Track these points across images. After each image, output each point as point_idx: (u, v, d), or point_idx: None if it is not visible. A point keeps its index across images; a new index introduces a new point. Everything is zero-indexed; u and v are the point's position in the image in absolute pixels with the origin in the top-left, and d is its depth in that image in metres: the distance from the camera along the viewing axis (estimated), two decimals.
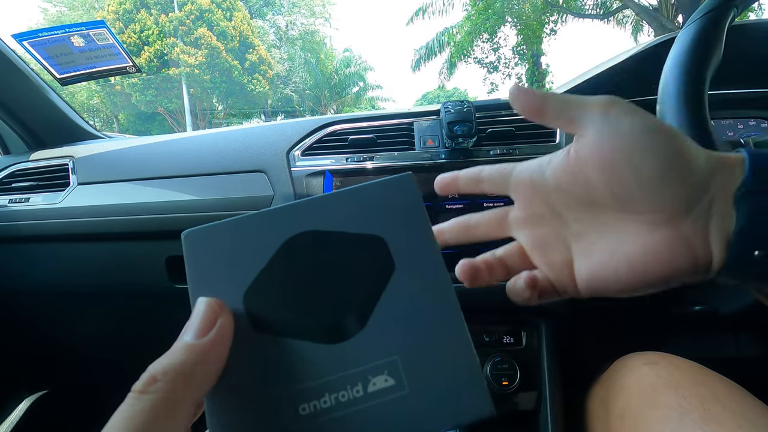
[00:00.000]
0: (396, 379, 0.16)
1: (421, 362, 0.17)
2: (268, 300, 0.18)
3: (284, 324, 0.17)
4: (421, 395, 0.16)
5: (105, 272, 0.71)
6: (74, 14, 13.67)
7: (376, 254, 0.18)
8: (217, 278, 0.18)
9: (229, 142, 0.67)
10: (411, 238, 0.18)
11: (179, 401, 0.14)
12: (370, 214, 0.19)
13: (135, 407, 0.14)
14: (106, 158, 0.73)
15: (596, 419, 0.41)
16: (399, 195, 0.19)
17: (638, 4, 8.29)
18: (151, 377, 0.15)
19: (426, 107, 0.63)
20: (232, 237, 0.18)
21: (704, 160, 0.19)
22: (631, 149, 0.19)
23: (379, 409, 0.16)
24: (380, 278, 0.18)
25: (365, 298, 0.18)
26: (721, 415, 0.29)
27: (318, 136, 0.62)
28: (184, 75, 12.47)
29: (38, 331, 0.84)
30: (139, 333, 0.81)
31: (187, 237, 0.19)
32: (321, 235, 0.19)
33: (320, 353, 0.17)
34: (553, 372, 0.53)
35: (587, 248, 0.22)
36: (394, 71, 40.54)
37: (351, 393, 0.16)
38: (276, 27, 17.24)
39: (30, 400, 0.88)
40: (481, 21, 10.75)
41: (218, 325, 0.16)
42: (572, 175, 0.22)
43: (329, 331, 0.17)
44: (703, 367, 0.35)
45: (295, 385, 0.16)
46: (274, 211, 0.19)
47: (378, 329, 0.17)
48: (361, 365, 0.17)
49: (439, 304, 0.17)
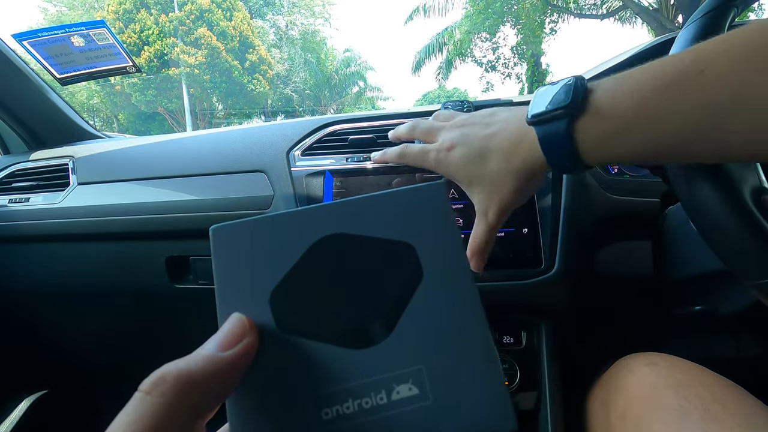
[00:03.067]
0: (420, 389, 0.16)
1: (446, 373, 0.17)
2: (294, 301, 0.17)
3: (310, 326, 0.17)
4: (444, 406, 0.16)
5: (105, 272, 0.71)
6: (74, 14, 13.66)
7: (405, 261, 0.18)
8: (244, 276, 0.18)
9: (229, 142, 0.67)
10: (440, 247, 0.18)
11: (182, 410, 0.14)
12: (401, 221, 0.19)
13: (138, 410, 0.13)
14: (106, 158, 0.73)
15: (596, 420, 0.41)
16: (430, 203, 0.19)
17: (638, 4, 8.29)
18: (161, 377, 0.14)
19: (426, 107, 0.63)
20: (262, 235, 0.18)
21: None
22: None
23: (402, 417, 0.16)
24: (408, 286, 0.18)
25: (393, 305, 0.17)
26: (721, 416, 0.29)
27: (318, 136, 0.62)
28: (184, 75, 12.47)
29: (38, 331, 0.84)
30: (138, 333, 0.81)
31: (216, 232, 0.18)
32: (350, 238, 0.18)
33: (345, 358, 0.17)
34: (553, 372, 0.53)
35: None
36: (395, 71, 40.57)
37: (374, 400, 0.16)
38: (276, 27, 17.24)
39: (30, 400, 0.88)
40: (481, 20, 10.76)
41: (244, 342, 0.16)
42: None
43: (355, 336, 0.17)
44: (704, 367, 0.36)
45: (319, 389, 0.16)
46: (304, 211, 0.19)
47: (404, 337, 0.17)
48: (386, 372, 0.16)
49: (466, 317, 0.17)
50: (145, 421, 0.13)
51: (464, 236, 0.53)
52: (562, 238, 0.50)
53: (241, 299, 0.18)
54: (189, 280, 0.65)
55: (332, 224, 0.19)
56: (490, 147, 0.32)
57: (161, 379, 0.14)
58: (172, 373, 0.14)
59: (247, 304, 0.17)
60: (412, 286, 0.18)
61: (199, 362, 0.15)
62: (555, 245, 0.51)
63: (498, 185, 0.32)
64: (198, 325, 0.41)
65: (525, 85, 12.21)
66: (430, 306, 0.17)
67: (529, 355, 0.55)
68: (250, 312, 0.17)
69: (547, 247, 0.51)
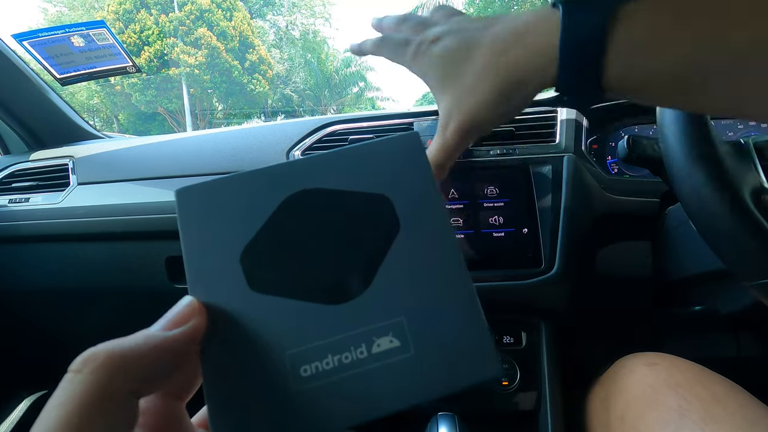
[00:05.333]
0: (401, 341, 0.16)
1: (427, 323, 0.16)
2: (266, 259, 0.17)
3: (284, 284, 0.16)
4: (427, 356, 0.16)
5: (105, 272, 0.71)
6: (74, 14, 13.66)
7: (380, 213, 0.17)
8: (212, 237, 0.17)
9: (229, 142, 0.67)
10: (417, 197, 0.18)
11: (116, 388, 0.13)
12: (375, 173, 0.18)
13: (68, 390, 0.13)
14: (106, 158, 0.73)
15: (596, 419, 0.41)
16: (405, 154, 0.18)
17: None
18: (92, 355, 0.13)
19: (426, 107, 0.63)
20: (229, 194, 0.18)
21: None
22: None
23: (384, 370, 0.16)
24: (385, 238, 0.17)
25: (369, 257, 0.17)
26: (720, 416, 0.29)
27: (318, 136, 0.62)
28: (184, 75, 12.47)
29: (38, 331, 0.84)
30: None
31: (180, 194, 0.18)
32: (323, 193, 0.18)
33: (322, 314, 0.16)
34: (553, 372, 0.53)
35: None
36: (395, 71, 40.56)
37: (354, 354, 0.16)
38: (276, 27, 17.23)
39: (30, 400, 0.88)
40: None
41: (190, 324, 0.15)
42: None
43: (331, 291, 0.16)
44: (703, 367, 0.36)
45: (296, 347, 0.16)
46: (273, 168, 0.18)
47: (382, 290, 0.17)
48: (365, 326, 0.16)
49: (446, 265, 0.17)
50: (75, 401, 0.12)
51: (463, 236, 0.53)
52: (562, 238, 0.50)
53: (210, 261, 0.17)
54: None
55: (304, 180, 0.18)
56: (482, 39, 0.24)
57: (92, 357, 0.13)
58: (104, 350, 0.13)
59: (215, 266, 0.17)
60: (389, 238, 0.17)
61: (137, 340, 0.14)
62: (555, 245, 0.51)
63: (472, 87, 0.24)
64: None
65: None
66: (408, 257, 0.17)
67: (529, 355, 0.55)
68: (219, 273, 0.17)
69: (547, 247, 0.51)
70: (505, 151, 0.56)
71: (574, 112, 0.58)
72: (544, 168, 0.54)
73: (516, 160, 0.55)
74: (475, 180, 0.55)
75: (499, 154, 0.56)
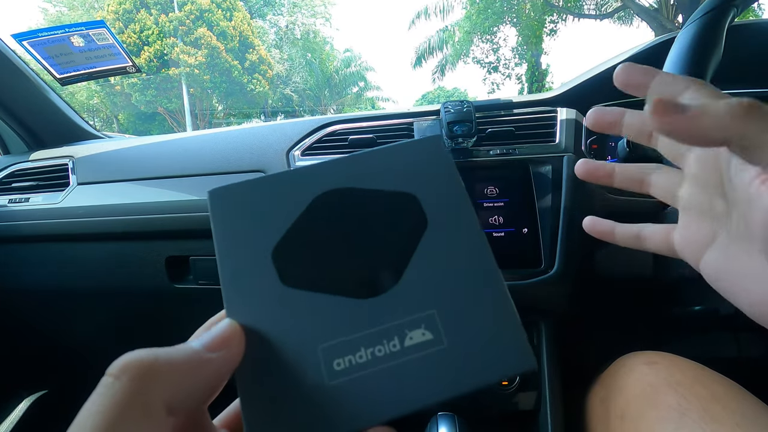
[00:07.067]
0: (434, 333, 0.16)
1: (459, 316, 0.16)
2: (298, 256, 0.17)
3: (316, 279, 0.17)
4: (459, 349, 0.16)
5: (105, 272, 0.71)
6: (74, 14, 13.66)
7: (408, 211, 0.18)
8: (244, 235, 0.18)
9: (229, 142, 0.67)
10: (443, 195, 0.18)
11: (151, 397, 0.13)
12: (401, 173, 0.19)
13: (105, 398, 0.13)
14: (105, 158, 0.73)
15: (596, 419, 0.41)
16: (429, 155, 0.19)
17: (638, 4, 8.29)
18: (133, 362, 0.13)
19: (426, 107, 0.63)
20: (260, 194, 0.18)
21: None
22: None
23: (417, 363, 0.16)
24: (413, 234, 0.18)
25: (399, 252, 0.17)
26: (720, 415, 0.29)
27: (318, 136, 0.62)
28: (184, 75, 12.46)
29: (38, 331, 0.84)
30: (138, 333, 0.81)
31: (213, 195, 0.18)
32: (351, 192, 0.18)
33: (354, 308, 0.16)
34: (553, 372, 0.53)
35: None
36: (395, 72, 40.57)
37: (387, 347, 0.16)
38: (276, 27, 17.24)
39: (30, 400, 0.88)
40: (481, 21, 10.78)
41: (231, 348, 0.15)
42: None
43: (363, 286, 0.17)
44: (703, 366, 0.36)
45: (329, 340, 0.16)
46: (302, 169, 0.19)
47: (414, 283, 0.17)
48: (397, 319, 0.16)
49: (474, 259, 0.17)
50: (113, 410, 0.12)
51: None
52: (561, 239, 0.50)
53: (243, 258, 0.17)
54: (189, 280, 0.65)
55: (332, 180, 0.19)
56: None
57: (133, 364, 0.13)
58: (146, 360, 0.13)
59: (248, 263, 0.17)
60: (418, 234, 0.18)
61: (181, 356, 0.14)
62: (555, 245, 0.51)
63: None
64: (198, 325, 0.41)
65: (525, 85, 12.22)
66: (437, 251, 0.17)
67: None
68: (252, 270, 0.17)
69: (547, 247, 0.51)
70: (505, 151, 0.56)
71: (574, 112, 0.58)
72: (544, 168, 0.54)
73: (516, 160, 0.55)
74: (475, 180, 0.55)
75: (499, 154, 0.56)
